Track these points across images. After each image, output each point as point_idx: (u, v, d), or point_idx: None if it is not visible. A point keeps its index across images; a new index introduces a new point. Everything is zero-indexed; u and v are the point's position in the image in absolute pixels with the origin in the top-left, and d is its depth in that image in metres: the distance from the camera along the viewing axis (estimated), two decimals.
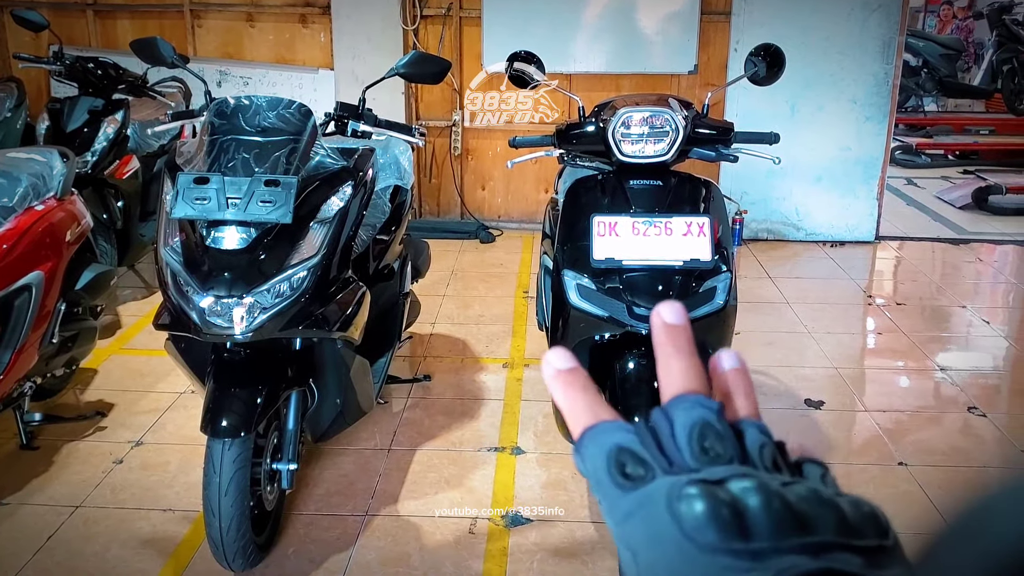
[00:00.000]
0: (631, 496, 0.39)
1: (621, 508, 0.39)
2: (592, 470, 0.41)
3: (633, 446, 0.41)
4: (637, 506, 0.39)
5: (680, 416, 0.42)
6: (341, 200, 2.64)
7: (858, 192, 6.20)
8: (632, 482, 0.40)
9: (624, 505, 0.39)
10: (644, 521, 0.38)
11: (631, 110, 2.57)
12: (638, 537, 0.38)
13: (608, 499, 0.40)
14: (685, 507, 0.37)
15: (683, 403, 0.43)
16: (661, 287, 2.44)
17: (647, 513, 0.38)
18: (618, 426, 0.42)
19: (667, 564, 0.37)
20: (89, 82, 4.75)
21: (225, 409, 2.43)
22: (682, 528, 0.37)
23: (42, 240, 3.12)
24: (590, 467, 0.41)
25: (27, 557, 2.73)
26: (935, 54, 10.09)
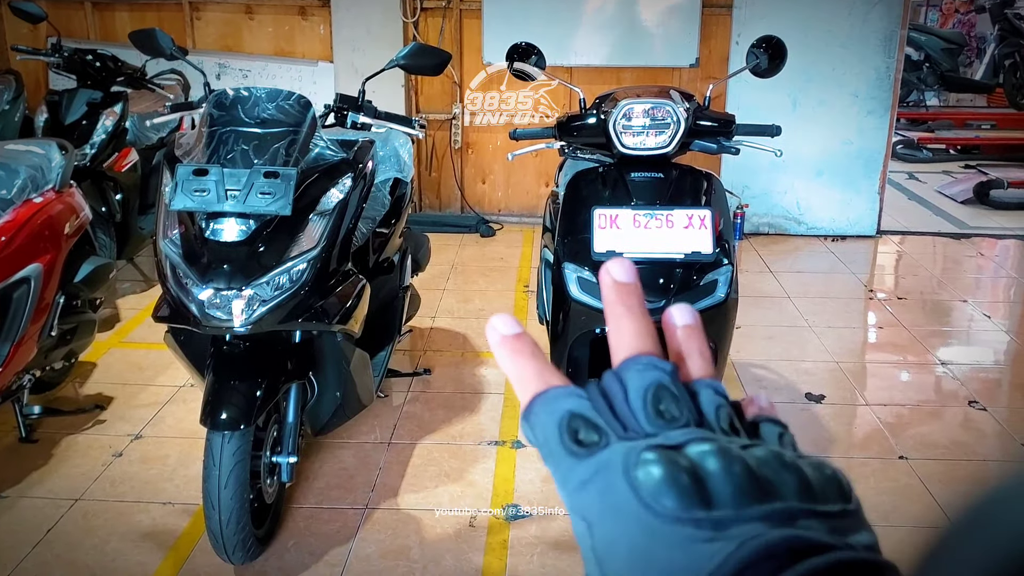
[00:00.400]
0: (585, 463, 0.37)
1: (575, 477, 0.37)
2: (542, 438, 0.39)
3: (585, 411, 0.39)
4: (592, 474, 0.37)
5: (633, 378, 0.40)
6: (341, 192, 2.62)
7: (859, 186, 6.19)
8: (586, 449, 0.38)
9: (578, 473, 0.37)
10: (600, 490, 0.36)
11: (632, 102, 2.56)
12: (594, 507, 0.36)
13: (560, 468, 0.38)
14: (643, 474, 0.35)
15: (636, 364, 0.40)
16: (662, 280, 2.43)
17: (603, 481, 0.36)
18: (569, 391, 0.40)
19: (626, 535, 0.35)
20: (87, 74, 4.73)
21: (225, 402, 2.42)
22: (640, 497, 0.35)
23: (41, 232, 3.11)
24: (540, 435, 0.39)
25: (26, 550, 2.72)
26: (937, 48, 10.07)
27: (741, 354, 4.11)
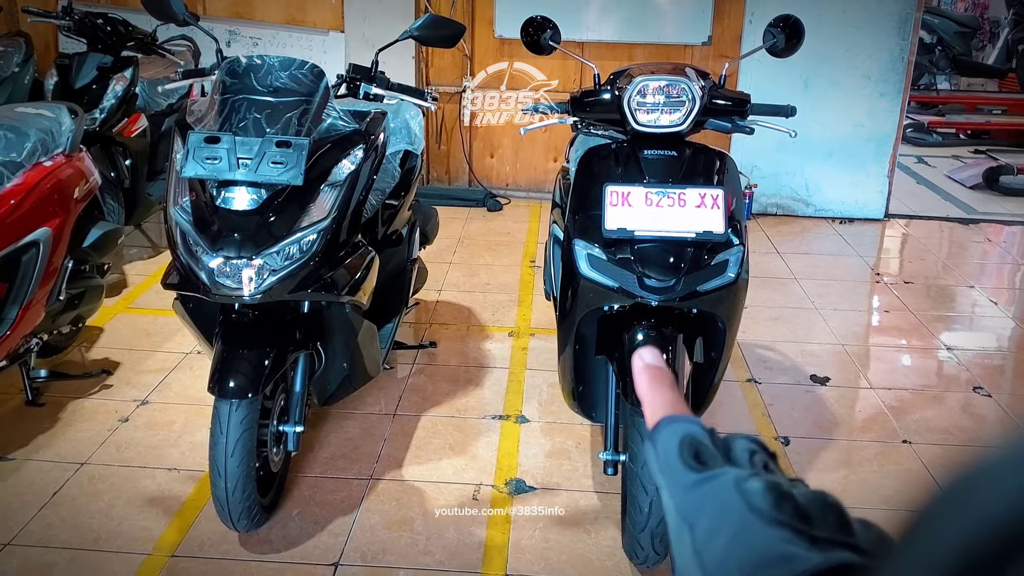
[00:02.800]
0: (698, 475, 0.45)
1: (686, 483, 0.45)
2: (663, 452, 0.48)
3: (703, 439, 0.48)
4: (703, 481, 0.45)
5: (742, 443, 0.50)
6: (352, 163, 2.62)
7: (869, 169, 6.17)
8: (700, 464, 0.46)
9: (690, 480, 0.45)
10: (708, 495, 0.44)
11: (648, 79, 2.54)
12: (700, 508, 0.44)
13: (674, 476, 0.46)
14: (754, 488, 0.43)
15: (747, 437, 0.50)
16: (673, 259, 2.42)
17: (712, 489, 0.44)
18: (692, 420, 0.50)
19: (730, 530, 0.42)
20: (98, 38, 4.71)
21: (233, 370, 2.43)
22: (749, 503, 0.42)
23: (50, 196, 3.11)
24: (661, 449, 0.48)
25: (32, 512, 2.74)
26: (950, 31, 9.99)
27: (747, 335, 4.11)
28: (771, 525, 0.41)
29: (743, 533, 0.41)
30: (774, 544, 0.40)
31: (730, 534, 0.41)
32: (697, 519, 0.43)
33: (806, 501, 0.42)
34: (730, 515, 0.42)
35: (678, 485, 0.46)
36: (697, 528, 0.43)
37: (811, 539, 0.40)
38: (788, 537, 0.40)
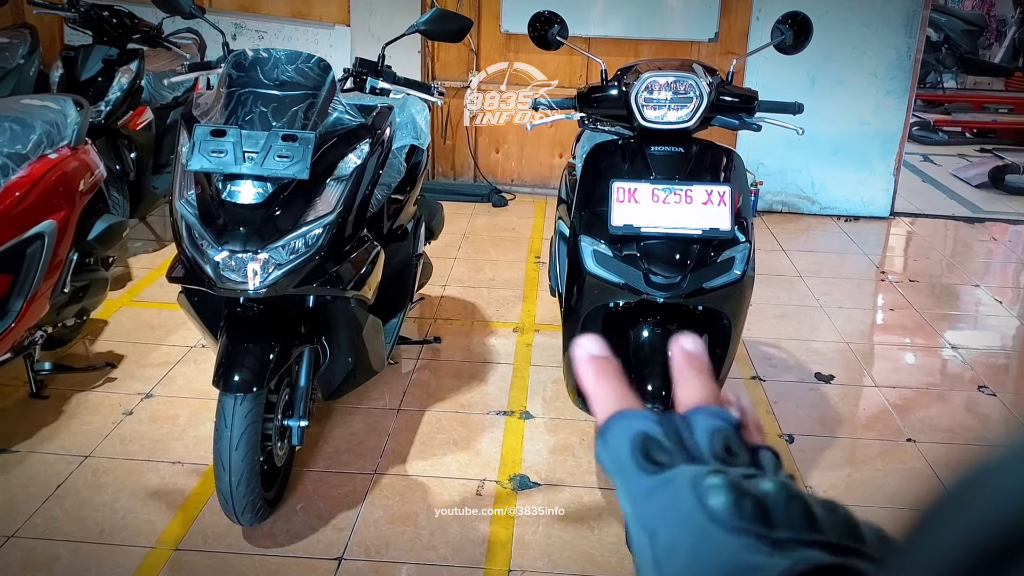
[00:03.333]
0: (653, 479, 0.42)
1: (641, 488, 0.42)
2: (615, 453, 0.44)
3: (658, 435, 0.44)
4: (659, 487, 0.42)
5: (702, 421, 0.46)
6: (358, 158, 2.61)
7: (875, 167, 6.15)
8: (656, 466, 0.43)
9: (645, 486, 0.42)
10: (666, 501, 0.41)
11: (655, 75, 2.54)
12: (658, 517, 0.41)
13: (628, 480, 0.43)
14: (712, 492, 0.40)
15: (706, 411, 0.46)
16: (679, 256, 2.41)
17: (670, 494, 0.41)
18: (645, 415, 0.46)
19: (688, 541, 0.39)
20: (104, 30, 4.70)
21: (238, 364, 2.43)
22: (707, 510, 0.39)
23: (55, 189, 3.10)
24: (612, 450, 0.45)
25: (36, 504, 2.74)
26: (957, 30, 9.96)
27: (752, 332, 4.10)
28: (730, 533, 0.39)
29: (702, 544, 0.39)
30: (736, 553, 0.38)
31: (689, 545, 0.39)
32: (656, 528, 0.41)
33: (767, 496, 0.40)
34: (688, 525, 0.40)
35: (634, 491, 0.43)
36: (657, 538, 0.41)
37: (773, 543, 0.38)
38: (749, 544, 0.38)
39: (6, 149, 2.98)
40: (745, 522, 0.39)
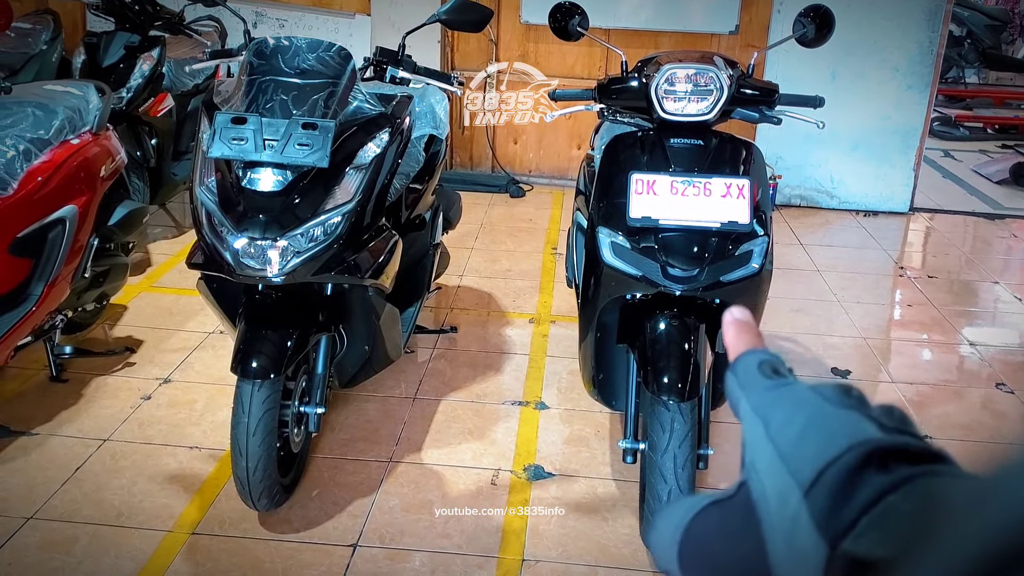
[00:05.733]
0: (775, 381, 0.52)
1: (763, 387, 0.52)
2: (743, 372, 0.54)
3: (779, 362, 0.55)
4: (779, 386, 0.51)
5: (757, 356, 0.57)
6: (378, 147, 2.62)
7: (895, 162, 6.11)
8: (777, 377, 0.53)
9: (767, 384, 0.52)
10: (783, 394, 0.50)
11: (676, 67, 2.53)
12: (776, 404, 0.49)
13: (752, 387, 0.53)
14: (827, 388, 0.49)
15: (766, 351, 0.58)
16: (697, 248, 2.41)
17: (788, 389, 0.50)
18: (768, 351, 0.57)
19: (804, 418, 0.47)
20: (126, 17, 4.72)
21: (256, 351, 2.44)
22: (823, 395, 0.48)
23: (77, 174, 3.13)
24: (741, 371, 0.55)
25: (55, 487, 2.77)
26: (980, 24, 9.87)
27: (768, 326, 4.08)
28: (842, 407, 0.46)
29: (816, 416, 0.46)
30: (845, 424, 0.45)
31: (803, 420, 0.47)
32: (771, 414, 0.49)
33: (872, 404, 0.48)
34: (804, 406, 0.48)
35: (757, 390, 0.52)
36: (772, 421, 0.48)
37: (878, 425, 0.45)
38: (856, 418, 0.45)
39: (29, 134, 3.00)
40: (854, 401, 0.47)
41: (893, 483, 0.40)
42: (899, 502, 0.39)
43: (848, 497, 0.41)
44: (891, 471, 0.41)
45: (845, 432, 0.44)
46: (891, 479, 0.41)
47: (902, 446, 0.43)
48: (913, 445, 0.43)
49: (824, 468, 0.43)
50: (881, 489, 0.40)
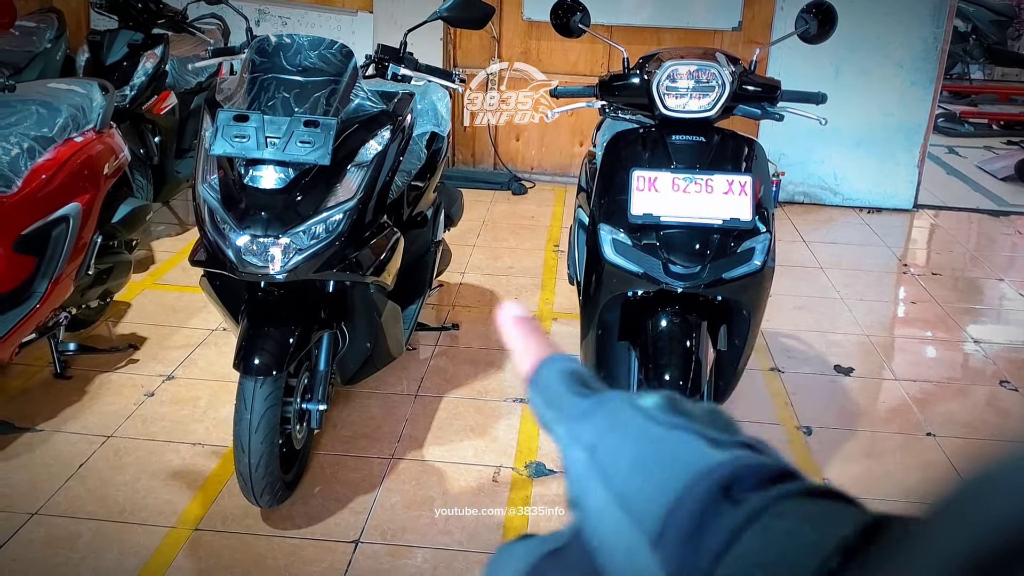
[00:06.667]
0: (589, 400, 0.45)
1: (578, 410, 0.44)
2: (548, 389, 0.47)
3: (584, 372, 0.48)
4: (596, 406, 0.44)
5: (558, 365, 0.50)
6: (379, 144, 2.62)
7: (899, 159, 6.10)
8: (589, 390, 0.46)
9: (582, 407, 0.44)
10: (605, 415, 0.43)
11: (677, 63, 2.53)
12: (597, 432, 0.43)
13: (564, 408, 0.45)
14: (648, 400, 0.43)
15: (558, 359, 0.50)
16: (698, 245, 2.41)
17: (608, 409, 0.44)
18: (569, 357, 0.49)
19: (631, 445, 0.41)
20: (129, 15, 4.73)
21: (258, 347, 2.45)
22: (646, 413, 0.42)
23: (80, 172, 3.13)
24: (545, 387, 0.47)
25: (59, 483, 2.78)
26: (985, 20, 9.84)
27: (771, 323, 4.08)
28: (669, 429, 0.41)
29: (645, 443, 0.41)
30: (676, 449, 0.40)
31: (632, 449, 0.41)
32: (596, 443, 0.42)
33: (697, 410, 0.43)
34: (629, 430, 0.42)
35: (571, 415, 0.44)
36: (598, 452, 0.42)
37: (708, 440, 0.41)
38: (687, 439, 0.41)
39: (33, 132, 3.01)
40: (681, 419, 0.42)
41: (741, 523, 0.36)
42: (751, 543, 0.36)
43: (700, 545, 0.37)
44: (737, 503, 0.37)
45: (681, 460, 0.40)
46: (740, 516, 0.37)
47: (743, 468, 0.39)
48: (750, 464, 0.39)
49: (668, 514, 0.38)
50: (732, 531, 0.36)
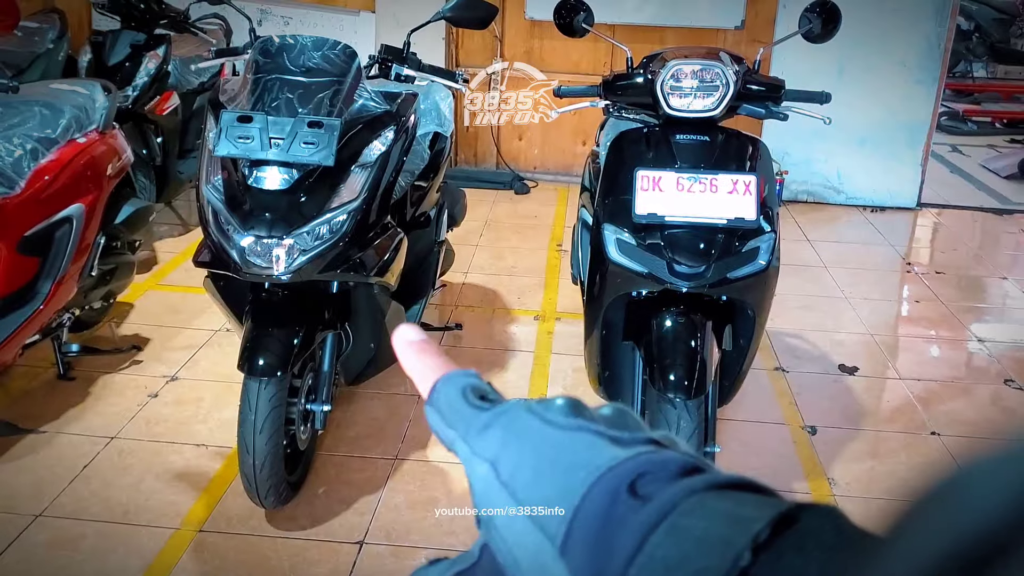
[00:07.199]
0: (488, 412, 0.44)
1: (477, 424, 0.43)
2: (446, 405, 0.45)
3: (482, 384, 0.47)
4: (495, 417, 0.43)
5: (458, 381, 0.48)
6: (383, 145, 2.62)
7: (902, 157, 6.09)
8: (488, 403, 0.45)
9: (481, 420, 0.43)
10: (504, 425, 0.42)
11: (681, 63, 2.52)
12: (498, 443, 0.42)
13: (463, 423, 0.44)
14: (543, 405, 0.43)
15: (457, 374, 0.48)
16: (703, 245, 2.40)
17: (507, 418, 0.43)
18: (468, 372, 0.47)
19: (532, 452, 0.40)
20: (131, 16, 4.73)
21: (262, 348, 2.44)
22: (545, 419, 0.42)
23: (83, 173, 3.13)
24: (444, 404, 0.46)
25: (63, 484, 2.78)
26: (988, 18, 9.83)
27: (775, 323, 4.07)
28: (570, 431, 0.41)
29: (545, 448, 0.40)
30: (578, 452, 0.39)
31: (533, 458, 0.40)
32: (498, 455, 0.42)
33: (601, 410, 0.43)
34: (529, 439, 0.41)
35: (471, 429, 0.44)
36: (500, 464, 0.41)
37: (610, 439, 0.40)
38: (589, 440, 0.40)
39: (36, 133, 3.01)
40: (582, 420, 0.41)
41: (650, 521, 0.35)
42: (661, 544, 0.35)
43: (609, 548, 0.36)
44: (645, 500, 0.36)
45: (582, 462, 0.39)
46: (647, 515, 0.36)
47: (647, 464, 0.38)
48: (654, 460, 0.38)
49: (573, 518, 0.37)
50: (641, 532, 0.35)
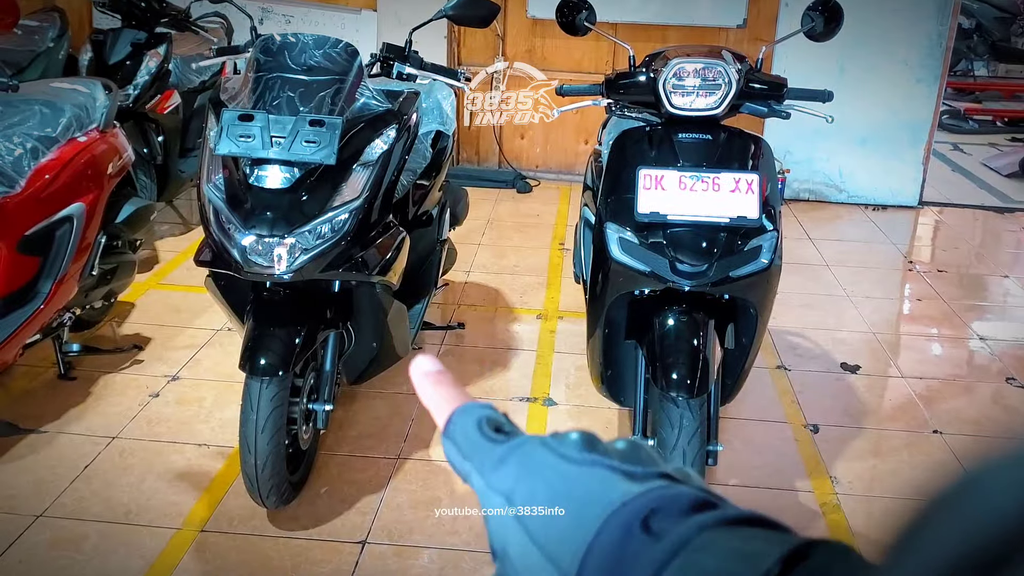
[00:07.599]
0: (503, 446, 0.45)
1: (493, 457, 0.45)
2: (462, 437, 0.47)
3: (498, 416, 0.48)
4: (510, 451, 0.44)
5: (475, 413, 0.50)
6: (385, 143, 2.61)
7: (904, 156, 6.08)
8: (504, 435, 0.46)
9: (497, 454, 0.45)
10: (519, 460, 0.44)
11: (684, 61, 2.51)
12: (513, 477, 0.43)
13: (479, 457, 0.45)
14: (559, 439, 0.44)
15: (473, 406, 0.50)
16: (705, 244, 2.40)
17: (522, 452, 0.44)
18: (483, 404, 0.49)
19: (547, 486, 0.41)
20: (132, 14, 4.73)
21: (264, 348, 2.44)
22: (560, 454, 0.42)
23: (84, 172, 3.13)
24: (460, 437, 0.47)
25: (64, 484, 2.78)
26: (989, 16, 9.81)
27: (777, 321, 4.06)
28: (584, 466, 0.41)
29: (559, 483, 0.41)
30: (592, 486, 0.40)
31: (547, 491, 0.41)
32: (513, 488, 0.43)
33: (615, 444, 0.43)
34: (543, 472, 0.42)
35: (487, 463, 0.45)
36: (515, 497, 0.42)
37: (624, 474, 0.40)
38: (603, 475, 0.41)
39: (36, 132, 3.00)
40: (596, 455, 0.42)
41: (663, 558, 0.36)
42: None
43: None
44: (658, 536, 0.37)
45: (595, 497, 0.39)
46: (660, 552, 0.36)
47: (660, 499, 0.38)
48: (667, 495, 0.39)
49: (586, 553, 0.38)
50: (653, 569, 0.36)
